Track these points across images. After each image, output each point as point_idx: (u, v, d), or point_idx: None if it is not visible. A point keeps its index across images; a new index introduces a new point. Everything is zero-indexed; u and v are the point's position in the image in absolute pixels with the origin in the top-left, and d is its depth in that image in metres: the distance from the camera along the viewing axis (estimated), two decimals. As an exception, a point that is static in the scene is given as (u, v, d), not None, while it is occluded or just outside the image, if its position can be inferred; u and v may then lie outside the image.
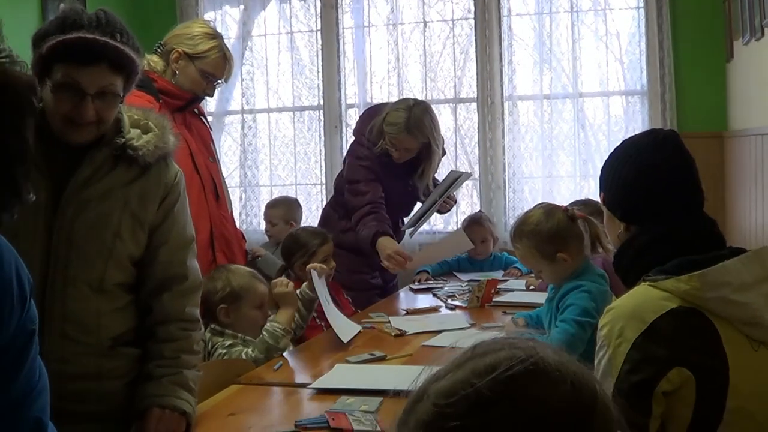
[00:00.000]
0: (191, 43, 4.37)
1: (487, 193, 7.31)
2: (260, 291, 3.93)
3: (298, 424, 2.76)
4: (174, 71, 4.37)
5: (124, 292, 2.82)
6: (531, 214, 3.72)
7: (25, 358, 1.73)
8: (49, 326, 2.65)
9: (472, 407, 1.18)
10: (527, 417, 1.17)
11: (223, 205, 4.50)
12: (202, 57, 4.37)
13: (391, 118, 5.36)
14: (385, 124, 5.37)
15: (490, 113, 7.26)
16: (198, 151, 4.32)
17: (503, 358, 1.22)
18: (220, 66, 4.43)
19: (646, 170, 2.51)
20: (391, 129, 5.35)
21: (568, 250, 3.62)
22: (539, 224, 3.64)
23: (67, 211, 2.68)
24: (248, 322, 3.83)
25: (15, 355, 1.69)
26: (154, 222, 2.83)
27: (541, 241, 3.63)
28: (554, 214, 3.66)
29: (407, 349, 3.89)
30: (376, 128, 5.42)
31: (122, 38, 2.65)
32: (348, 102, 7.68)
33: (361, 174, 5.48)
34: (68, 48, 2.57)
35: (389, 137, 5.37)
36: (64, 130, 2.66)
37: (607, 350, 2.30)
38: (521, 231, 3.70)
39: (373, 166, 5.47)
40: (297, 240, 4.95)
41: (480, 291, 4.90)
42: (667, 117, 6.83)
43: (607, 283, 3.67)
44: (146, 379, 2.78)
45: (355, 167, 5.52)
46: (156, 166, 2.83)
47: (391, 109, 5.43)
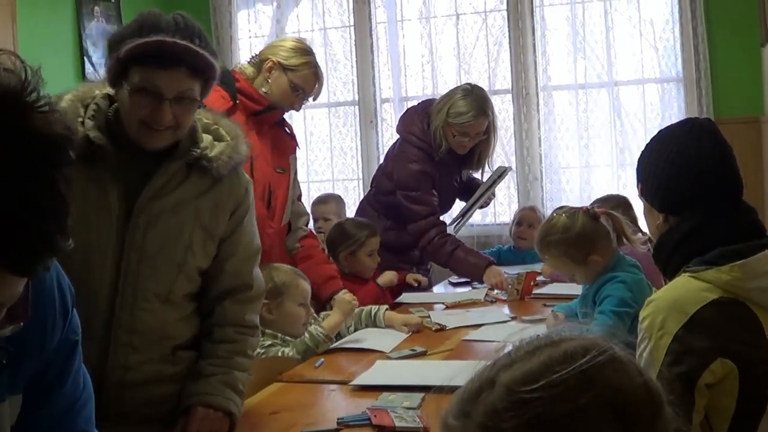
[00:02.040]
0: (286, 54, 4.38)
1: (524, 184, 7.29)
2: (303, 287, 3.93)
3: (340, 421, 2.77)
4: (266, 80, 4.37)
5: (190, 301, 2.82)
6: (554, 222, 3.69)
7: (69, 370, 1.73)
8: (116, 336, 2.66)
9: (559, 395, 1.18)
10: (610, 407, 1.18)
11: (275, 216, 4.44)
12: (294, 70, 4.38)
13: (457, 108, 5.31)
14: (451, 117, 5.31)
15: (525, 104, 7.24)
16: (261, 157, 4.27)
17: (579, 347, 1.23)
18: (311, 82, 4.44)
19: (683, 160, 2.50)
20: (462, 118, 5.30)
21: (598, 251, 3.61)
22: (565, 231, 3.62)
23: (140, 221, 2.66)
24: (291, 318, 3.83)
25: (59, 367, 1.70)
26: (224, 234, 2.82)
27: (569, 247, 3.62)
28: (577, 218, 3.63)
29: (448, 343, 3.88)
30: (438, 128, 5.36)
31: (200, 42, 2.62)
32: (383, 97, 7.69)
33: (419, 182, 5.44)
34: (147, 51, 2.54)
35: (461, 127, 5.32)
36: (140, 135, 2.64)
37: (649, 343, 2.29)
38: (548, 241, 3.68)
39: (428, 169, 5.44)
40: (344, 231, 4.98)
41: (519, 283, 4.89)
42: (703, 103, 6.78)
43: (641, 271, 3.66)
44: (196, 376, 2.78)
45: (411, 173, 5.45)
46: (228, 177, 2.81)
47: (449, 102, 5.37)
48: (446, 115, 5.32)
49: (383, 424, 2.67)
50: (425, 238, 5.41)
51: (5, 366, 1.54)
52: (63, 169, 1.24)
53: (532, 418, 1.17)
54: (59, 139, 1.24)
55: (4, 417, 1.60)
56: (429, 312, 4.55)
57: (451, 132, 5.34)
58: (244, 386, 2.85)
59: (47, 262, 1.25)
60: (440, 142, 5.37)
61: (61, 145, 1.24)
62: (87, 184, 2.60)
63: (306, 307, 3.92)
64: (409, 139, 5.51)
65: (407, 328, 4.08)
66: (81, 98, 2.71)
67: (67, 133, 1.26)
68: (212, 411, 2.70)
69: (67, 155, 1.25)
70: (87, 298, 2.56)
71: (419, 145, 5.45)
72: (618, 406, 1.19)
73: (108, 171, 2.64)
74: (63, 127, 1.26)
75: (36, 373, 1.66)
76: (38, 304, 1.59)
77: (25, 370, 1.62)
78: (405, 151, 5.52)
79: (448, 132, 5.34)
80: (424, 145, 5.43)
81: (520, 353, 1.26)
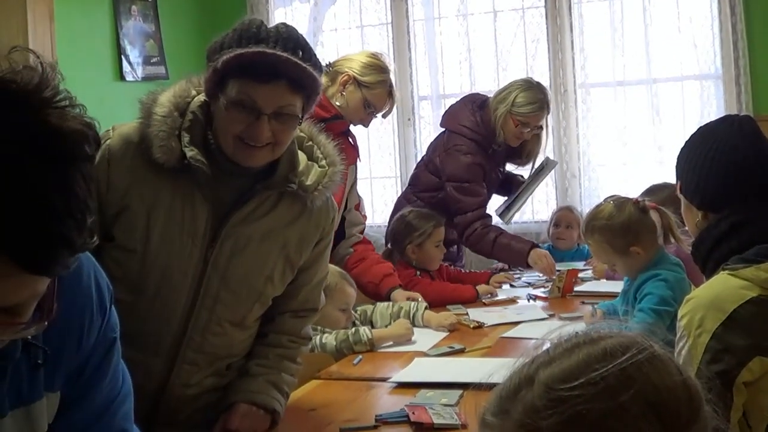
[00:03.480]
0: (363, 71, 4.36)
1: (562, 182, 7.27)
2: (347, 293, 3.92)
3: (378, 418, 2.77)
4: (341, 93, 4.35)
5: (257, 322, 2.81)
6: (602, 208, 3.69)
7: (107, 366, 1.74)
8: (183, 355, 2.64)
9: (599, 393, 1.18)
10: (650, 405, 1.18)
11: None
12: (370, 87, 4.37)
13: (524, 99, 5.37)
14: (516, 106, 5.36)
15: (564, 101, 7.22)
16: None
17: (618, 345, 1.23)
18: (384, 100, 4.44)
19: (722, 157, 2.49)
20: (528, 108, 5.37)
21: (641, 243, 3.59)
22: (610, 219, 3.61)
23: (225, 246, 2.59)
24: (330, 321, 3.81)
25: (97, 365, 1.71)
26: (303, 265, 2.77)
27: (612, 236, 3.61)
28: (625, 208, 3.62)
29: (486, 341, 3.88)
30: (500, 117, 5.40)
31: (303, 55, 2.47)
32: (420, 94, 7.68)
33: (472, 173, 5.48)
34: (246, 63, 2.42)
35: (525, 117, 5.38)
36: (236, 152, 2.52)
37: (687, 340, 2.29)
38: (593, 226, 3.68)
39: (481, 160, 5.49)
40: (410, 224, 4.97)
41: (561, 281, 4.88)
42: (742, 100, 6.74)
43: (683, 271, 3.63)
44: (243, 374, 2.78)
45: (463, 164, 5.48)
46: (318, 207, 2.74)
47: (514, 92, 5.42)
48: (511, 104, 5.37)
49: (421, 421, 2.67)
50: (470, 228, 5.45)
51: (41, 365, 1.55)
52: (79, 165, 1.23)
53: (572, 416, 1.17)
54: (75, 135, 1.23)
55: (41, 414, 1.61)
56: (467, 309, 4.55)
57: (513, 121, 5.38)
58: (290, 389, 2.86)
59: (66, 260, 1.25)
60: (498, 131, 5.42)
61: (77, 140, 1.23)
62: (174, 199, 2.54)
63: (347, 312, 3.92)
64: (461, 131, 5.54)
65: (444, 328, 4.08)
66: (177, 103, 2.55)
67: (84, 129, 1.25)
68: (255, 408, 2.71)
69: (83, 151, 1.24)
70: (161, 316, 2.58)
71: (472, 137, 5.49)
72: (657, 405, 1.19)
73: (199, 189, 2.55)
74: (80, 122, 1.25)
75: (74, 371, 1.67)
76: (75, 302, 1.60)
77: (62, 368, 1.63)
78: (456, 144, 5.53)
79: (509, 121, 5.39)
80: (477, 137, 5.48)
81: (559, 350, 1.26)
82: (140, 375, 2.11)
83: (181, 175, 2.52)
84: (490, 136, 5.46)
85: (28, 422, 1.58)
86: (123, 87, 6.87)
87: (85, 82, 6.10)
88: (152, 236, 2.52)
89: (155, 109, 2.53)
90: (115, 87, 6.86)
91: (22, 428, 1.57)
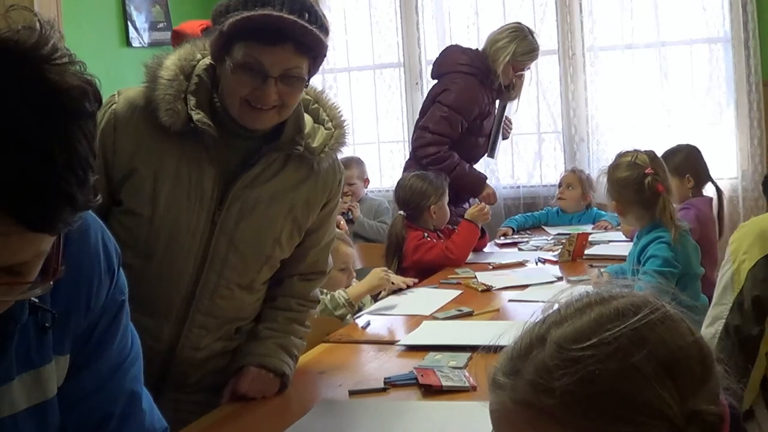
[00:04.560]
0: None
1: (571, 145, 7.26)
2: (343, 252, 3.92)
3: (387, 381, 2.78)
4: None
5: (265, 285, 2.81)
6: (620, 161, 3.85)
7: (116, 329, 1.74)
8: (192, 319, 2.65)
9: (611, 353, 1.17)
10: (662, 365, 1.17)
11: None
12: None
13: (523, 48, 5.76)
14: (518, 56, 5.73)
15: (572, 65, 7.19)
16: None
17: (629, 305, 1.22)
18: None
19: None
20: (530, 56, 5.84)
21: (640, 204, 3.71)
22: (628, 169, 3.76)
23: (233, 209, 2.58)
24: (330, 283, 3.79)
25: (105, 327, 1.71)
26: (311, 227, 2.76)
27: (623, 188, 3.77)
28: (636, 171, 3.71)
29: (494, 304, 3.89)
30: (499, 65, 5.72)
31: (310, 17, 2.42)
32: (428, 58, 7.64)
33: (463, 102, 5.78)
34: (252, 26, 2.38)
35: (525, 64, 5.85)
36: (242, 114, 2.51)
37: (732, 266, 2.33)
38: (611, 171, 3.84)
39: (477, 93, 5.81)
40: (421, 188, 5.04)
41: (571, 245, 4.88)
42: (751, 64, 6.70)
43: (687, 232, 3.69)
44: (252, 338, 2.79)
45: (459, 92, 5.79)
46: (325, 169, 2.73)
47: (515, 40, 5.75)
48: (512, 53, 5.70)
49: (430, 384, 2.68)
50: (434, 147, 5.75)
51: (49, 328, 1.55)
52: (80, 122, 1.22)
53: (584, 376, 1.17)
54: (75, 91, 1.22)
55: (51, 377, 1.61)
56: (475, 273, 4.55)
57: (513, 68, 5.75)
58: (299, 351, 2.87)
59: (68, 217, 1.24)
60: (498, 75, 5.76)
61: (76, 96, 1.22)
62: (181, 163, 2.53)
63: (347, 272, 3.93)
64: (459, 69, 5.83)
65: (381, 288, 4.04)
66: (182, 67, 2.54)
67: (84, 85, 1.24)
68: (264, 371, 2.72)
69: (83, 107, 1.23)
70: (170, 280, 2.59)
71: (469, 71, 5.81)
72: (670, 365, 1.18)
73: (206, 152, 2.54)
74: (80, 78, 1.24)
75: (82, 334, 1.67)
76: (82, 265, 1.60)
77: (70, 331, 1.63)
78: (455, 80, 5.82)
79: (509, 68, 5.74)
80: (474, 71, 5.80)
81: (570, 310, 1.26)
82: (150, 339, 2.12)
83: (187, 139, 2.52)
84: (484, 70, 5.77)
85: (38, 386, 1.59)
86: (129, 53, 6.85)
87: (91, 48, 6.10)
88: (159, 200, 2.51)
89: (161, 73, 2.52)
90: (122, 53, 6.84)
91: (31, 392, 1.58)
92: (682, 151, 5.19)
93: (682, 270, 3.60)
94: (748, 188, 6.91)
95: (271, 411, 2.63)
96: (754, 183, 6.86)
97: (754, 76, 6.69)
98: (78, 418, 1.70)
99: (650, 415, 1.16)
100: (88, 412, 1.72)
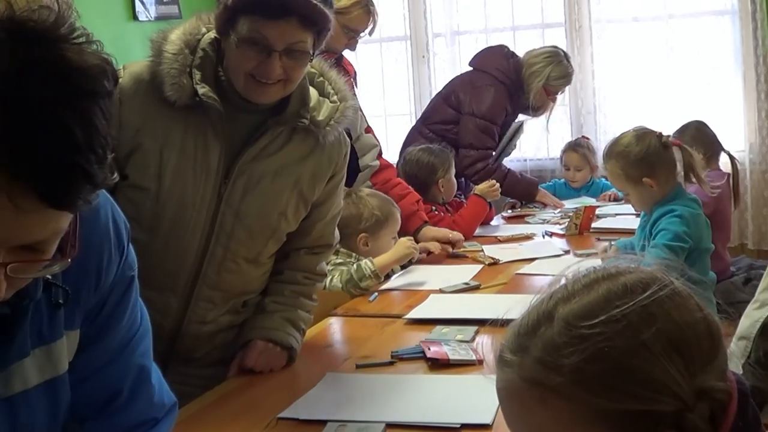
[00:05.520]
0: None
1: (578, 118, 7.26)
2: (397, 219, 3.95)
3: (394, 354, 2.78)
4: None
5: (271, 258, 2.81)
6: (624, 135, 3.71)
7: (126, 304, 1.74)
8: (199, 292, 2.65)
9: (620, 331, 1.17)
10: (671, 342, 1.17)
11: None
12: (344, 12, 4.35)
13: (557, 73, 5.85)
14: (551, 80, 5.83)
15: (579, 37, 7.19)
16: None
17: (638, 281, 1.22)
18: (363, 20, 4.44)
19: None
20: (562, 82, 5.93)
21: (655, 177, 3.59)
22: (628, 147, 3.63)
23: (239, 183, 2.58)
24: (382, 251, 3.86)
25: (115, 303, 1.71)
26: (317, 200, 2.76)
27: (628, 164, 3.63)
28: (645, 139, 3.61)
29: (501, 277, 3.89)
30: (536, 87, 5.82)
31: None
32: (435, 31, 7.64)
33: (494, 112, 5.84)
34: (256, 0, 2.41)
35: (557, 89, 5.94)
36: (247, 89, 2.51)
37: None
38: (611, 151, 3.71)
39: (505, 104, 5.88)
40: (429, 161, 5.06)
41: (578, 218, 4.87)
42: (758, 36, 6.69)
43: (700, 207, 3.63)
44: (259, 311, 2.80)
45: (489, 103, 5.83)
46: (331, 143, 2.72)
47: (549, 64, 5.83)
48: (546, 77, 5.79)
49: (437, 357, 2.68)
50: (482, 163, 5.78)
51: (62, 304, 1.56)
52: (99, 101, 1.23)
53: (593, 353, 1.17)
54: (94, 70, 1.22)
55: (62, 353, 1.62)
56: (482, 246, 4.55)
57: (546, 91, 5.84)
58: (306, 325, 2.87)
59: (87, 195, 1.24)
60: (529, 97, 5.87)
61: (95, 75, 1.23)
62: (186, 136, 2.53)
63: (396, 240, 3.93)
64: (492, 72, 5.89)
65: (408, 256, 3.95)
66: (187, 41, 2.54)
67: (103, 64, 1.25)
68: (271, 345, 2.72)
69: (102, 86, 1.24)
70: (176, 253, 2.59)
71: (502, 80, 5.85)
72: (679, 342, 1.18)
73: (211, 126, 2.54)
74: (98, 57, 1.25)
75: (92, 309, 1.67)
76: (93, 240, 1.60)
77: (81, 307, 1.63)
78: (486, 83, 5.88)
79: (542, 91, 5.83)
80: (507, 81, 5.85)
81: (578, 286, 1.25)
82: (156, 313, 2.12)
83: (192, 113, 2.52)
84: (517, 84, 5.82)
85: (50, 361, 1.59)
86: (136, 27, 6.83)
87: (98, 22, 6.07)
88: (165, 174, 2.51)
89: (166, 47, 2.52)
90: (128, 27, 6.81)
91: (43, 366, 1.58)
92: (691, 127, 5.19)
93: (692, 245, 3.55)
94: (755, 161, 6.91)
95: (278, 384, 2.63)
96: (761, 155, 6.86)
97: (761, 48, 6.68)
98: (88, 393, 1.71)
99: (659, 392, 1.16)
100: (97, 387, 1.73)
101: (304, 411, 2.34)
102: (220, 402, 2.49)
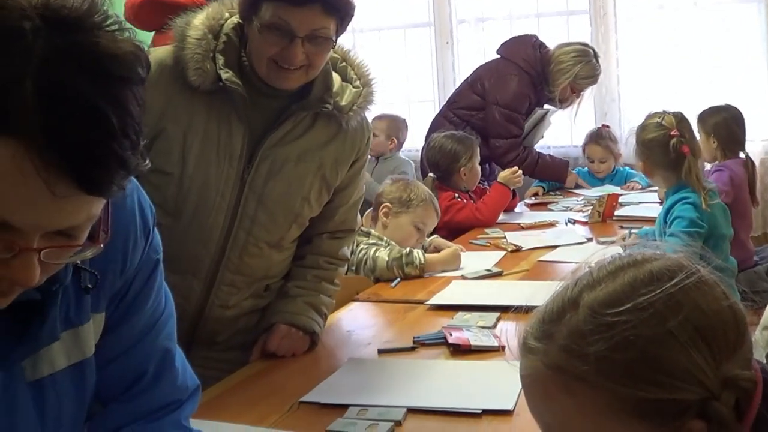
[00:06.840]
0: None
1: (602, 105, 7.24)
2: (429, 215, 3.98)
3: (416, 340, 2.78)
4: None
5: (294, 243, 2.82)
6: (648, 122, 3.88)
7: (151, 288, 1.75)
8: (222, 276, 2.67)
9: (647, 319, 1.17)
10: (697, 331, 1.17)
11: None
12: None
13: (585, 72, 5.96)
14: (578, 79, 5.94)
15: (603, 24, 7.16)
16: None
17: (664, 268, 1.22)
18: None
19: None
20: (589, 81, 6.04)
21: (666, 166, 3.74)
22: (654, 131, 3.80)
23: (262, 168, 2.59)
24: (401, 233, 3.91)
25: (140, 286, 1.72)
26: (340, 185, 2.77)
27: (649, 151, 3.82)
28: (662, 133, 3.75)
29: (523, 264, 3.89)
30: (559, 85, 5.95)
31: None
32: (459, 17, 7.62)
33: (519, 102, 5.95)
34: None
35: (583, 88, 6.08)
36: (270, 74, 2.51)
37: None
38: (638, 132, 3.90)
39: (530, 93, 5.99)
40: (452, 149, 5.08)
41: (601, 206, 4.87)
42: (784, 24, 6.65)
43: (714, 194, 3.70)
44: (282, 296, 2.81)
45: (514, 92, 5.94)
46: (353, 128, 2.73)
47: (579, 63, 5.93)
48: (574, 76, 5.90)
49: (459, 343, 2.68)
50: (513, 153, 5.92)
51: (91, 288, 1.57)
52: (133, 87, 1.24)
53: (619, 341, 1.17)
54: (128, 57, 1.24)
55: (89, 336, 1.63)
56: (505, 233, 4.55)
57: (572, 89, 5.97)
58: (328, 310, 2.88)
59: (122, 181, 1.25)
60: (555, 93, 5.98)
61: (130, 62, 1.24)
62: (210, 121, 2.54)
63: (421, 232, 3.94)
64: (518, 62, 5.96)
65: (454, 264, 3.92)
66: (210, 26, 2.54)
67: (137, 51, 1.26)
68: (294, 330, 2.73)
69: (135, 73, 1.25)
70: (200, 237, 2.60)
71: (528, 70, 5.93)
72: (706, 330, 1.18)
73: (235, 110, 2.55)
74: (131, 44, 1.26)
75: (118, 293, 1.68)
76: (119, 224, 1.61)
77: (107, 289, 1.64)
78: (512, 72, 5.97)
79: (568, 88, 5.95)
80: (532, 72, 5.93)
81: (603, 273, 1.25)
82: (180, 297, 2.13)
83: (216, 98, 2.52)
84: (542, 76, 5.91)
85: (77, 344, 1.60)
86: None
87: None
88: (189, 158, 2.52)
89: (189, 32, 2.52)
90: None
91: (70, 350, 1.59)
92: (722, 114, 5.17)
93: (708, 231, 3.60)
94: (781, 148, 6.87)
95: (300, 369, 2.63)
96: (788, 144, 6.82)
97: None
98: (112, 375, 1.72)
99: (685, 380, 1.16)
100: (122, 369, 1.73)
101: (326, 395, 2.34)
102: (243, 385, 2.49)
